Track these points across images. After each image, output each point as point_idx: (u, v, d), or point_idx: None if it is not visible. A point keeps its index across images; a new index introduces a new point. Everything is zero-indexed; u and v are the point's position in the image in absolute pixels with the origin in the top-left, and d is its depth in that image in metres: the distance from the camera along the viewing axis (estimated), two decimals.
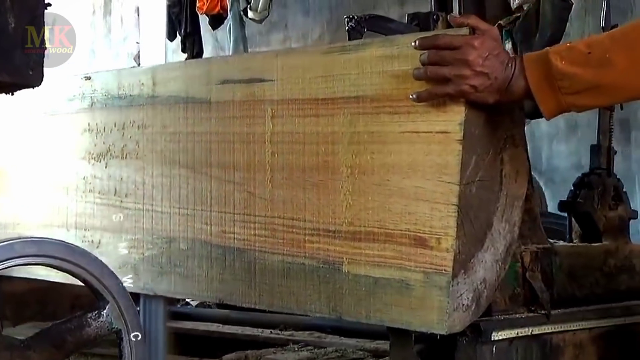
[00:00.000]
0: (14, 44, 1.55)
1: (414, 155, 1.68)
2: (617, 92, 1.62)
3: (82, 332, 1.74)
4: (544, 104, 1.61)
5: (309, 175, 1.84)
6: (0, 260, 1.60)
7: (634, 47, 1.57)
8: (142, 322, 1.96)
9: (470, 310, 1.68)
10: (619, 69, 1.56)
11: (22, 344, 1.68)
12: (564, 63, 1.58)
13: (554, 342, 1.94)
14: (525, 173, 1.81)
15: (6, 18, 1.54)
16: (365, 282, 1.74)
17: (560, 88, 1.59)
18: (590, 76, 1.57)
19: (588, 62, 1.57)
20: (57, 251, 1.69)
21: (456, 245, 1.62)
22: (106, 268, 1.76)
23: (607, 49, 1.57)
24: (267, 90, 1.93)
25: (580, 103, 1.62)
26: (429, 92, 1.63)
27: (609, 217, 2.30)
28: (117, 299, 1.75)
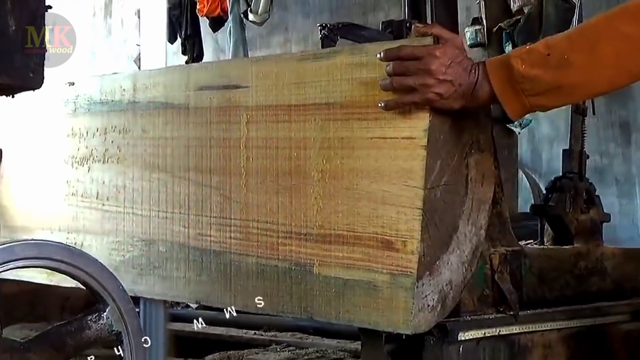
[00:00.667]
0: (15, 47, 1.56)
1: (381, 161, 1.73)
2: (577, 91, 1.67)
3: (82, 335, 1.76)
4: (509, 107, 1.66)
5: (282, 179, 1.89)
6: (1, 263, 1.61)
7: (591, 47, 1.61)
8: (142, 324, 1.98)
9: (435, 311, 1.73)
10: (578, 68, 1.61)
11: (22, 346, 1.69)
12: (525, 66, 1.63)
13: (522, 343, 1.99)
14: (492, 177, 1.85)
15: (7, 20, 1.55)
16: (335, 284, 1.79)
17: (523, 90, 1.64)
18: (551, 77, 1.62)
19: (548, 64, 1.62)
20: (58, 253, 1.70)
21: (421, 247, 1.67)
22: (106, 270, 1.78)
23: (565, 50, 1.62)
24: (243, 96, 1.98)
25: (544, 103, 1.67)
26: (396, 101, 1.68)
27: (580, 220, 2.34)
28: (118, 301, 1.77)
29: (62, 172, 2.42)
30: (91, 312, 1.77)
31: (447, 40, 1.68)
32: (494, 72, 1.66)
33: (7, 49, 1.55)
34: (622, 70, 1.63)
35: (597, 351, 2.20)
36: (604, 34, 1.62)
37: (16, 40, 1.56)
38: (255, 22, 7.60)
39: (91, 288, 1.75)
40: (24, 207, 2.57)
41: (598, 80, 1.64)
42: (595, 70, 1.62)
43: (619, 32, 1.60)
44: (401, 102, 1.67)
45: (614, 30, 1.61)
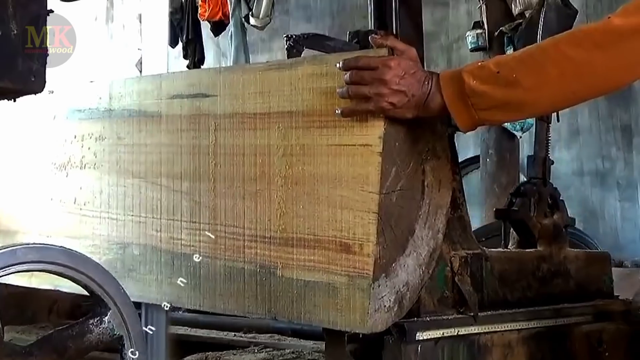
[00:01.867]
0: (17, 51, 1.57)
1: (339, 167, 1.80)
2: (523, 109, 1.74)
3: (84, 339, 1.76)
4: (459, 119, 1.74)
5: (248, 185, 1.96)
6: (3, 267, 1.62)
7: (538, 68, 1.69)
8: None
9: (392, 311, 1.80)
10: (525, 88, 1.68)
11: (24, 351, 1.69)
12: (475, 82, 1.70)
13: (482, 342, 2.05)
14: (449, 183, 1.92)
15: (8, 25, 1.56)
16: (297, 285, 1.86)
17: (472, 104, 1.71)
18: (499, 94, 1.69)
19: (497, 81, 1.69)
20: (59, 258, 1.71)
21: (377, 250, 1.74)
22: (108, 274, 1.79)
23: (514, 69, 1.69)
24: (211, 105, 2.05)
25: (492, 118, 1.75)
26: (351, 108, 1.75)
27: (544, 224, 2.41)
28: (119, 305, 1.78)
29: (42, 177, 2.49)
30: (93, 317, 1.77)
31: (402, 52, 1.76)
32: (446, 85, 1.73)
33: (9, 53, 1.56)
34: (566, 91, 1.71)
35: (558, 351, 2.27)
36: (551, 56, 1.70)
37: (18, 44, 1.57)
38: (257, 26, 7.65)
39: (93, 292, 1.76)
40: (6, 211, 2.64)
41: (543, 100, 1.72)
42: (541, 90, 1.69)
43: (565, 56, 1.67)
44: (356, 109, 1.74)
45: (560, 54, 1.68)
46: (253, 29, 7.79)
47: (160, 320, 2.34)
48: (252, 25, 7.64)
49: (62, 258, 1.71)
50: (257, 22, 7.59)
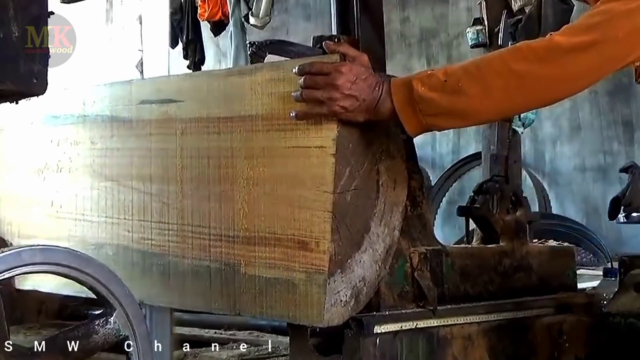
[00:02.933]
0: (18, 53, 1.57)
1: (297, 168, 1.88)
2: (469, 117, 1.83)
3: (90, 340, 1.76)
4: (408, 124, 1.82)
5: (213, 186, 2.04)
6: (8, 269, 1.62)
7: (483, 79, 1.77)
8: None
9: (349, 306, 1.88)
10: (469, 96, 1.77)
11: (29, 352, 1.70)
12: (424, 89, 1.79)
13: (441, 335, 2.13)
14: (404, 182, 2.00)
15: (10, 27, 1.56)
16: (259, 282, 1.94)
17: (420, 110, 1.79)
18: (445, 102, 1.78)
19: (444, 89, 1.78)
20: (64, 259, 1.71)
21: (332, 247, 1.82)
22: (113, 275, 1.79)
23: (460, 79, 1.78)
24: (178, 109, 2.13)
25: (438, 124, 1.83)
26: (305, 112, 1.83)
27: (506, 220, 2.48)
28: (124, 306, 1.78)
29: (22, 181, 2.57)
30: (98, 317, 1.78)
31: (353, 59, 1.84)
32: (396, 91, 1.81)
33: (10, 55, 1.56)
34: (509, 102, 1.80)
35: (519, 343, 2.34)
36: (496, 68, 1.79)
37: (19, 46, 1.57)
38: (257, 25, 7.68)
39: (98, 293, 1.77)
40: None
41: (487, 109, 1.81)
42: (485, 100, 1.78)
43: (509, 68, 1.76)
44: (310, 113, 1.82)
45: (504, 66, 1.77)
46: (253, 29, 7.83)
47: (165, 321, 2.40)
48: (251, 25, 7.67)
49: (68, 259, 1.71)
50: (256, 21, 7.63)
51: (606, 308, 2.29)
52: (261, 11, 7.52)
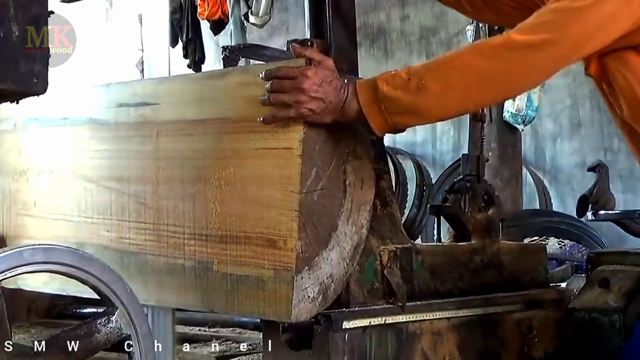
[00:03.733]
0: (19, 53, 1.57)
1: (265, 168, 1.94)
2: (432, 114, 1.90)
3: (92, 339, 1.77)
4: (374, 123, 1.88)
5: (187, 187, 2.11)
6: (10, 268, 1.62)
7: (444, 77, 1.84)
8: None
9: (317, 302, 1.94)
10: (432, 93, 1.83)
11: (32, 351, 1.70)
12: (388, 88, 1.85)
13: (410, 330, 2.18)
14: (371, 181, 2.06)
15: (10, 27, 1.56)
16: (231, 279, 2.00)
17: (385, 109, 1.86)
18: (409, 99, 1.84)
19: (407, 88, 1.84)
20: (66, 258, 1.71)
21: (299, 245, 1.88)
22: (115, 274, 1.80)
23: (423, 77, 1.84)
24: (153, 112, 2.19)
25: (404, 122, 1.89)
26: (273, 115, 1.90)
27: (477, 218, 2.54)
28: (126, 304, 1.79)
29: (6, 184, 2.64)
30: (100, 316, 1.79)
31: (318, 62, 1.90)
32: (362, 91, 1.88)
33: (11, 55, 1.56)
34: (469, 98, 1.87)
35: (489, 338, 2.40)
36: (456, 65, 1.86)
37: (20, 46, 1.57)
38: (256, 24, 7.71)
39: (100, 292, 1.78)
40: None
41: (448, 105, 1.88)
42: (447, 96, 1.85)
43: (468, 65, 1.84)
44: (278, 116, 1.89)
45: (464, 64, 1.85)
46: (253, 27, 7.87)
47: (167, 320, 2.44)
48: (251, 24, 7.70)
49: (69, 259, 1.71)
50: (256, 20, 7.67)
51: (572, 304, 2.35)
52: (261, 10, 7.56)
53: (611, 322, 2.23)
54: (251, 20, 7.66)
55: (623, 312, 2.23)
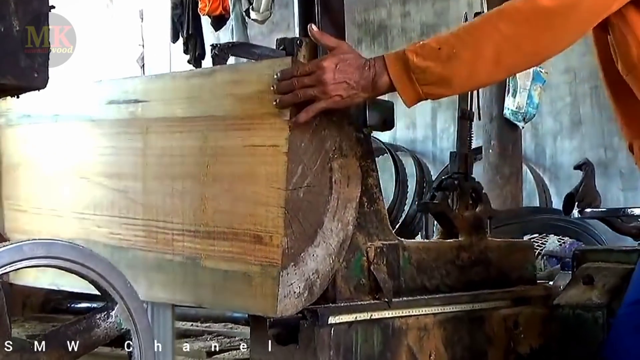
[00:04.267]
0: (19, 47, 1.57)
1: (253, 165, 1.97)
2: (464, 82, 1.92)
3: (91, 333, 1.77)
4: (405, 95, 1.90)
5: (176, 183, 2.13)
6: (10, 262, 1.62)
7: (474, 44, 1.86)
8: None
9: (302, 297, 1.96)
10: (463, 62, 1.85)
11: (32, 346, 1.70)
12: (418, 59, 1.87)
13: (396, 326, 2.21)
14: (357, 179, 2.08)
15: (10, 21, 1.57)
16: (218, 275, 2.03)
17: (417, 80, 1.87)
18: (440, 69, 1.86)
19: (438, 57, 1.86)
20: (66, 253, 1.71)
21: (285, 241, 1.91)
22: (114, 269, 1.80)
23: (454, 45, 1.86)
24: (143, 109, 2.22)
25: (435, 92, 1.91)
26: (306, 111, 1.89)
27: (465, 216, 2.57)
28: (126, 299, 1.79)
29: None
30: (100, 311, 1.79)
31: (334, 48, 1.92)
32: (392, 64, 1.89)
33: (11, 50, 1.56)
34: (501, 65, 1.88)
35: (476, 333, 2.43)
36: (485, 31, 1.88)
37: (20, 40, 1.57)
38: (257, 20, 7.71)
39: (99, 287, 1.78)
40: None
41: (480, 74, 1.89)
42: (478, 64, 1.86)
43: (498, 32, 1.86)
44: (311, 111, 1.89)
45: (494, 30, 1.86)
46: (254, 23, 7.86)
47: (166, 315, 2.46)
48: (252, 20, 7.70)
49: (69, 253, 1.72)
50: (257, 16, 7.67)
51: (557, 300, 2.38)
52: (262, 6, 7.57)
53: (594, 318, 2.26)
54: (252, 17, 7.66)
55: (606, 309, 2.26)
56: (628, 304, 2.20)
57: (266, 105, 1.94)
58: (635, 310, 2.19)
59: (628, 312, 2.18)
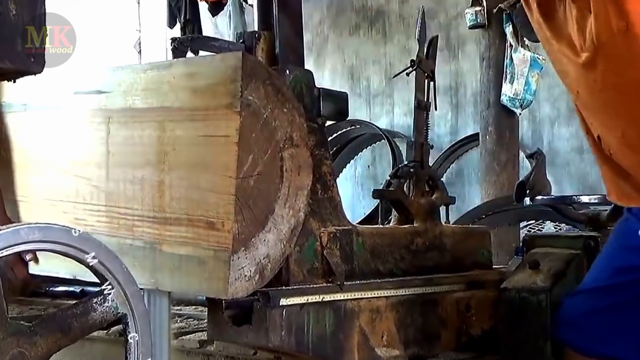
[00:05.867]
0: (16, 31, 1.55)
1: (206, 155, 2.06)
2: None
3: (88, 317, 1.77)
4: None
5: (136, 171, 2.22)
6: (6, 246, 1.61)
7: None
8: None
9: (253, 280, 2.06)
10: None
11: (28, 330, 1.70)
12: None
13: (348, 308, 2.31)
14: (308, 168, 2.18)
15: (7, 6, 1.55)
16: (175, 259, 2.13)
17: None
18: None
19: None
20: (63, 237, 1.70)
21: (236, 227, 2.01)
22: (111, 253, 1.80)
23: None
24: (106, 100, 2.31)
25: None
26: None
27: (420, 203, 2.67)
28: (122, 283, 1.79)
29: None
30: (96, 295, 1.79)
31: None
32: None
33: (8, 34, 1.54)
34: None
35: (429, 316, 2.53)
36: None
37: (17, 24, 1.55)
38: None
39: (96, 271, 1.78)
40: None
41: None
42: None
43: None
44: None
45: None
46: (251, 8, 7.90)
47: (162, 300, 2.54)
48: (250, 5, 7.75)
49: (65, 237, 1.71)
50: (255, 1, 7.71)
51: (504, 284, 2.48)
52: None
53: (538, 300, 2.36)
54: (250, 2, 7.70)
55: (549, 292, 2.36)
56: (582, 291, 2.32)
57: (218, 97, 2.03)
58: (590, 297, 2.30)
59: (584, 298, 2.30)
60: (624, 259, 2.23)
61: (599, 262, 2.34)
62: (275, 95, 2.08)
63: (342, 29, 9.25)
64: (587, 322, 2.25)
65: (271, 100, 2.07)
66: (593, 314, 2.25)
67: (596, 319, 2.23)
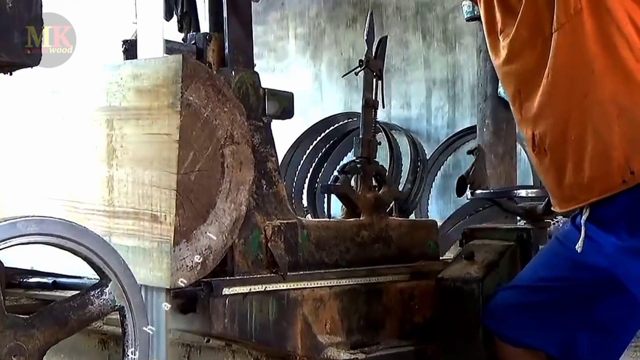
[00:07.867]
0: (12, 24, 1.57)
1: (151, 152, 2.18)
2: None
3: (85, 310, 1.79)
4: None
5: (87, 166, 2.35)
6: (3, 239, 1.64)
7: None
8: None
9: (195, 270, 2.19)
10: None
11: (25, 323, 1.72)
12: None
13: (292, 297, 2.44)
14: (250, 163, 2.30)
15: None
16: (124, 250, 2.23)
17: None
18: None
19: None
20: (60, 230, 1.73)
21: (177, 220, 2.13)
22: (108, 246, 1.84)
23: None
24: (61, 99, 2.43)
25: None
26: None
27: (367, 197, 2.78)
28: (120, 277, 1.83)
29: None
30: (94, 288, 1.81)
31: None
32: None
33: (4, 27, 1.56)
34: None
35: (373, 305, 2.66)
36: None
37: (13, 17, 1.57)
38: None
39: (93, 264, 1.81)
40: None
41: None
42: None
43: None
44: None
45: None
46: None
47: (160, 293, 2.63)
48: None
49: (62, 230, 1.73)
50: None
51: (441, 274, 2.60)
52: None
53: (471, 290, 2.48)
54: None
55: (481, 282, 2.48)
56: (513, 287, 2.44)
57: (161, 97, 2.15)
58: (519, 293, 2.42)
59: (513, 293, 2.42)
60: (555, 270, 2.32)
61: (535, 263, 2.45)
62: (216, 95, 2.20)
63: (339, 21, 9.32)
64: (515, 315, 2.38)
65: (212, 100, 2.19)
66: (520, 308, 2.37)
67: (522, 313, 2.36)
